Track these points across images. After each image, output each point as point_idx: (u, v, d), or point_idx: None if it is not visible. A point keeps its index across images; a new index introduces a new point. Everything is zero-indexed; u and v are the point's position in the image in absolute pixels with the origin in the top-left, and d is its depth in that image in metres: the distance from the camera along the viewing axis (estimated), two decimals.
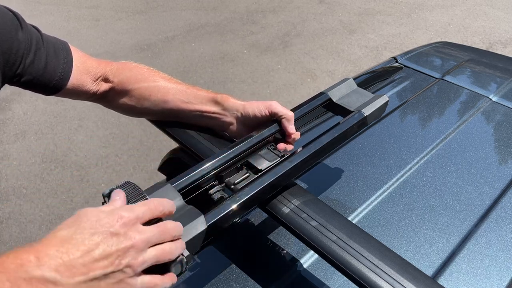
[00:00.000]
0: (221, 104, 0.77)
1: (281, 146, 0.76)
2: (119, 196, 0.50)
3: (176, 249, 0.50)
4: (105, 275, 0.44)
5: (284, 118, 0.76)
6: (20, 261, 0.41)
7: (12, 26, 0.67)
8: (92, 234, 0.44)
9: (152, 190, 0.59)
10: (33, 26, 0.73)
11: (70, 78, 0.75)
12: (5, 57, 0.66)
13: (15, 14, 0.69)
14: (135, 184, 0.54)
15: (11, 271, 0.40)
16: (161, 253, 0.48)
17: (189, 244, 0.54)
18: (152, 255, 0.47)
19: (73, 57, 0.76)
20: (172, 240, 0.50)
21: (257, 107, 0.76)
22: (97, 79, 0.78)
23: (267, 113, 0.76)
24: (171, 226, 0.50)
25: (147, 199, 0.53)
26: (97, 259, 0.43)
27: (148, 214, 0.49)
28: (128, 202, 0.51)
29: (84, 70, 0.77)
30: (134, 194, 0.52)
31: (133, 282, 0.46)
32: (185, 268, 0.54)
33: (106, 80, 0.79)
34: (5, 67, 0.66)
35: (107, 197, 0.54)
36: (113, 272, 0.44)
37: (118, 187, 0.53)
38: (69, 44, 0.77)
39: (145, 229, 0.47)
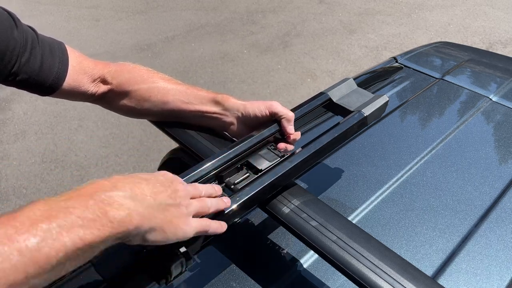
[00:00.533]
0: (221, 104, 0.77)
1: (281, 146, 0.76)
2: None
3: (218, 204, 0.59)
4: (168, 205, 0.51)
5: (284, 118, 0.76)
6: (96, 186, 0.46)
7: (8, 25, 0.67)
8: (147, 180, 0.52)
9: None
10: (29, 26, 0.73)
11: (66, 78, 0.74)
12: (0, 55, 0.66)
13: (10, 14, 0.69)
14: None
15: (89, 194, 0.44)
16: (202, 204, 0.57)
17: (189, 244, 0.54)
18: (195, 203, 0.56)
19: (69, 57, 0.75)
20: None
21: (258, 107, 0.76)
22: (95, 80, 0.78)
23: (268, 113, 0.76)
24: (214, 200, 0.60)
25: None
26: (159, 191, 0.51)
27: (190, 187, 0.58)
28: None
29: (80, 70, 0.76)
30: None
31: (189, 220, 0.54)
32: (185, 268, 0.54)
33: (104, 81, 0.79)
34: (0, 65, 0.66)
35: None
36: (171, 205, 0.52)
37: None
38: (66, 45, 0.77)
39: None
